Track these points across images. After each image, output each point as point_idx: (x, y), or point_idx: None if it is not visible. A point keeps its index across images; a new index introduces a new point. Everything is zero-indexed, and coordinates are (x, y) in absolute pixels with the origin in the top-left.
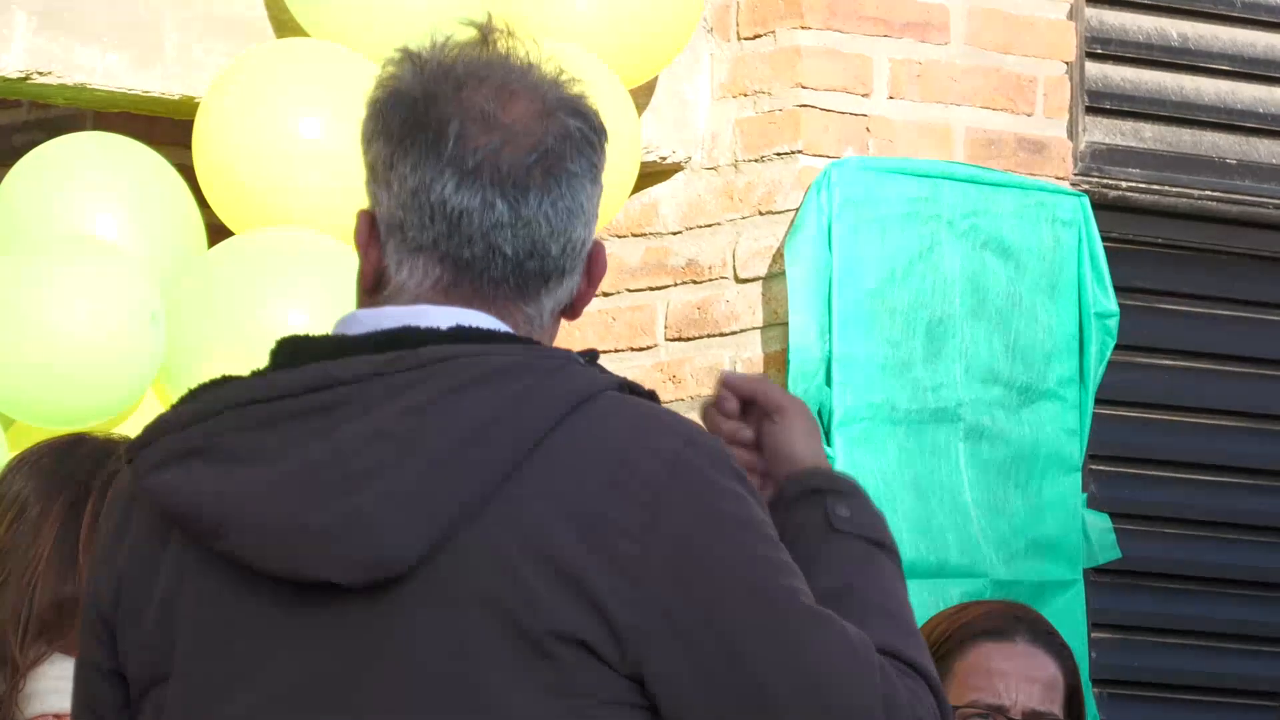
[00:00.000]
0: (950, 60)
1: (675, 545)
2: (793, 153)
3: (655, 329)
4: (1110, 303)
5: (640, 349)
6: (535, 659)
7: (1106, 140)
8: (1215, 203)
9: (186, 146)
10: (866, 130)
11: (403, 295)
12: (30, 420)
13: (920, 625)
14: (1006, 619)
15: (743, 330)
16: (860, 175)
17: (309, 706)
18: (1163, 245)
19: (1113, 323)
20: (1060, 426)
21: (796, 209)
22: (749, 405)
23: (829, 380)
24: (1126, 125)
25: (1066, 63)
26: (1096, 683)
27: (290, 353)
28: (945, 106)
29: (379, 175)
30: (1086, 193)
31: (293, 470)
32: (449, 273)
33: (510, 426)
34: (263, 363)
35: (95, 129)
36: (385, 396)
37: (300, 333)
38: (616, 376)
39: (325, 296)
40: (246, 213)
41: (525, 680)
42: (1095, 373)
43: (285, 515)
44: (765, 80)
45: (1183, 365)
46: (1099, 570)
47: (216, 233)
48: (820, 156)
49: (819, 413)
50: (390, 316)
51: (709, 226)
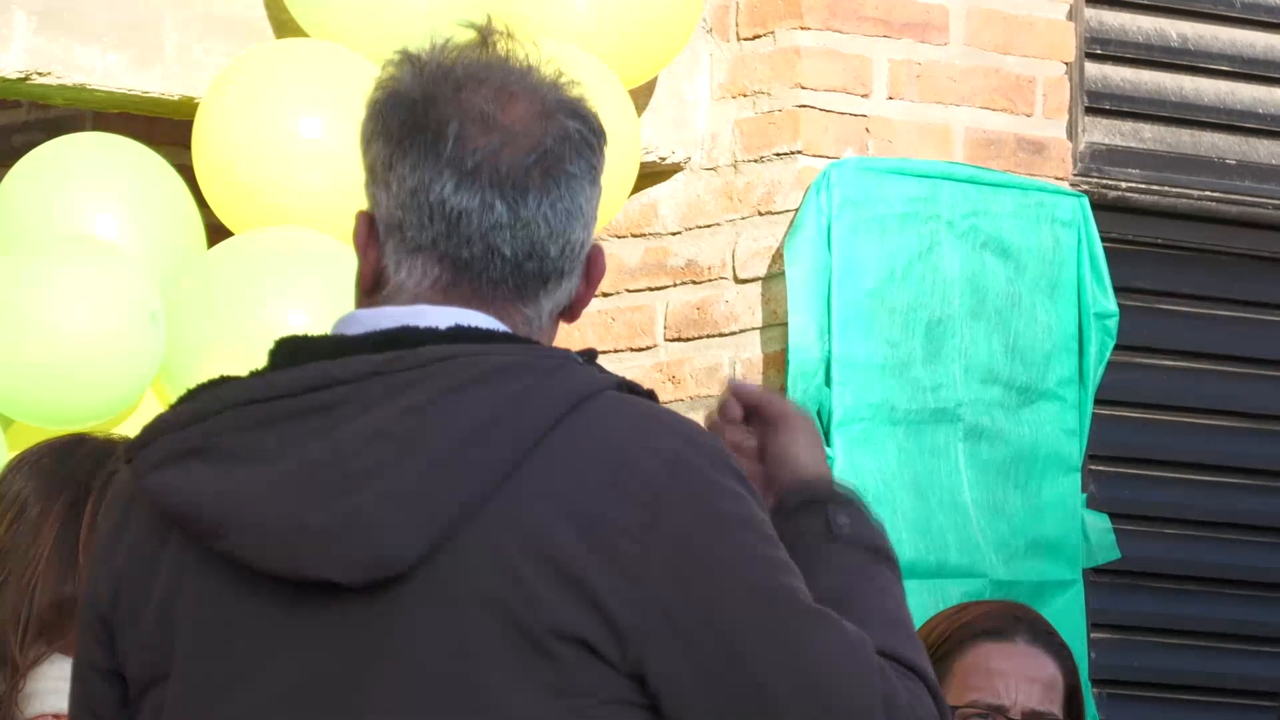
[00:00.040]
0: (950, 61)
1: (675, 544)
2: (792, 153)
3: (655, 329)
4: (1110, 303)
5: (640, 349)
6: (535, 658)
7: (1106, 140)
8: (1215, 203)
9: (186, 146)
10: (866, 130)
11: (401, 295)
12: (30, 420)
13: (920, 625)
14: (1006, 619)
15: (742, 330)
16: (860, 175)
17: (309, 706)
18: (1162, 246)
19: (1112, 323)
20: (1060, 427)
21: (796, 209)
22: (753, 414)
23: (828, 380)
24: (1126, 126)
25: (1066, 63)
26: (1096, 683)
27: (289, 353)
28: (945, 107)
29: (378, 176)
30: (1086, 193)
31: (292, 470)
32: (448, 273)
33: (510, 426)
34: (262, 363)
35: (95, 129)
36: (385, 396)
37: (299, 333)
38: (615, 376)
39: (325, 296)
40: (246, 213)
41: (525, 680)
42: (1095, 373)
43: (285, 515)
44: (765, 80)
45: (1182, 365)
46: (1098, 570)
47: (216, 233)
48: (820, 157)
49: (818, 413)
50: (389, 316)
51: (708, 227)
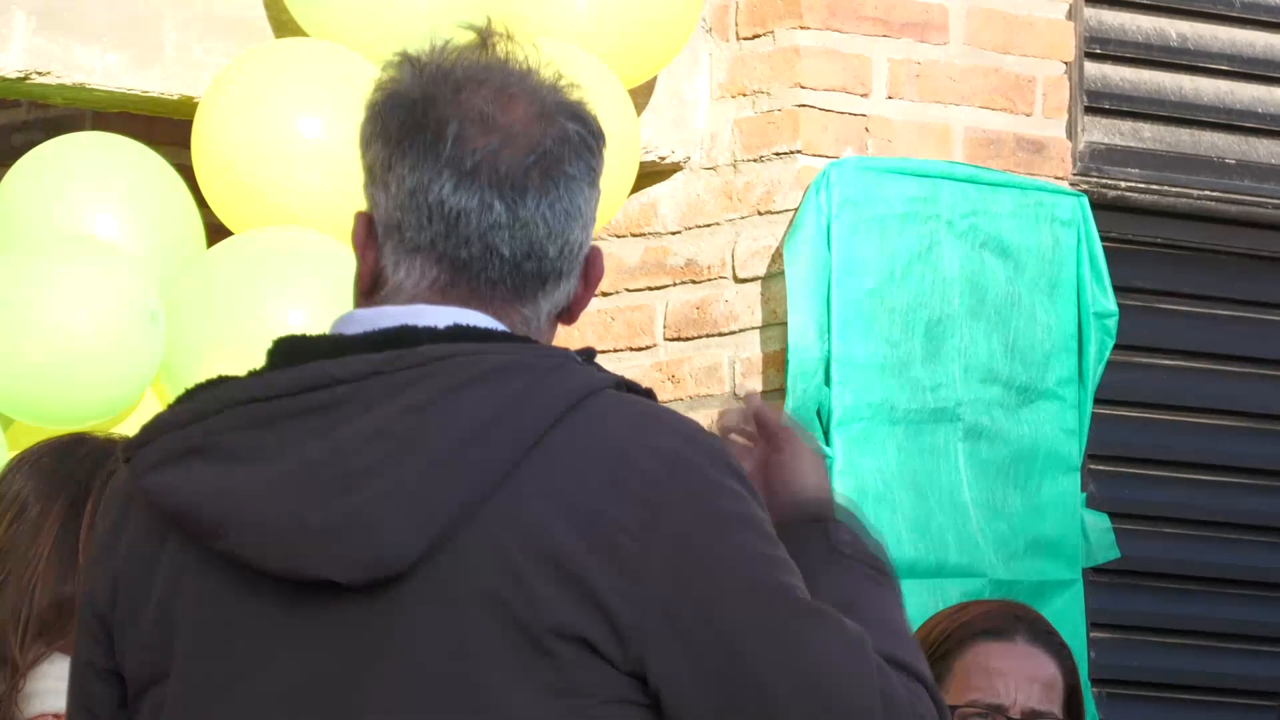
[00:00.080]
0: (949, 60)
1: (675, 543)
2: (792, 152)
3: (654, 329)
4: (1109, 302)
5: (639, 349)
6: (536, 658)
7: (1105, 140)
8: (1214, 202)
9: (186, 146)
10: (865, 130)
11: (400, 295)
12: (30, 420)
13: (920, 625)
14: (1006, 618)
15: (742, 330)
16: (859, 175)
17: (309, 706)
18: (1162, 245)
19: (1112, 322)
20: (1059, 426)
21: (795, 209)
22: (760, 430)
23: (828, 380)
24: (1125, 125)
25: (1065, 62)
26: (1095, 682)
27: (287, 353)
28: (944, 106)
29: (377, 177)
30: (1085, 192)
31: (292, 469)
32: (446, 273)
33: (510, 425)
34: (261, 363)
35: (94, 129)
36: (384, 395)
37: (297, 333)
38: (614, 375)
39: (325, 296)
40: (246, 213)
41: (525, 679)
42: (1094, 372)
43: (285, 514)
44: (764, 80)
45: (1182, 365)
46: (1098, 570)
47: (216, 233)
48: (819, 156)
49: (818, 413)
50: (388, 316)
51: (708, 226)
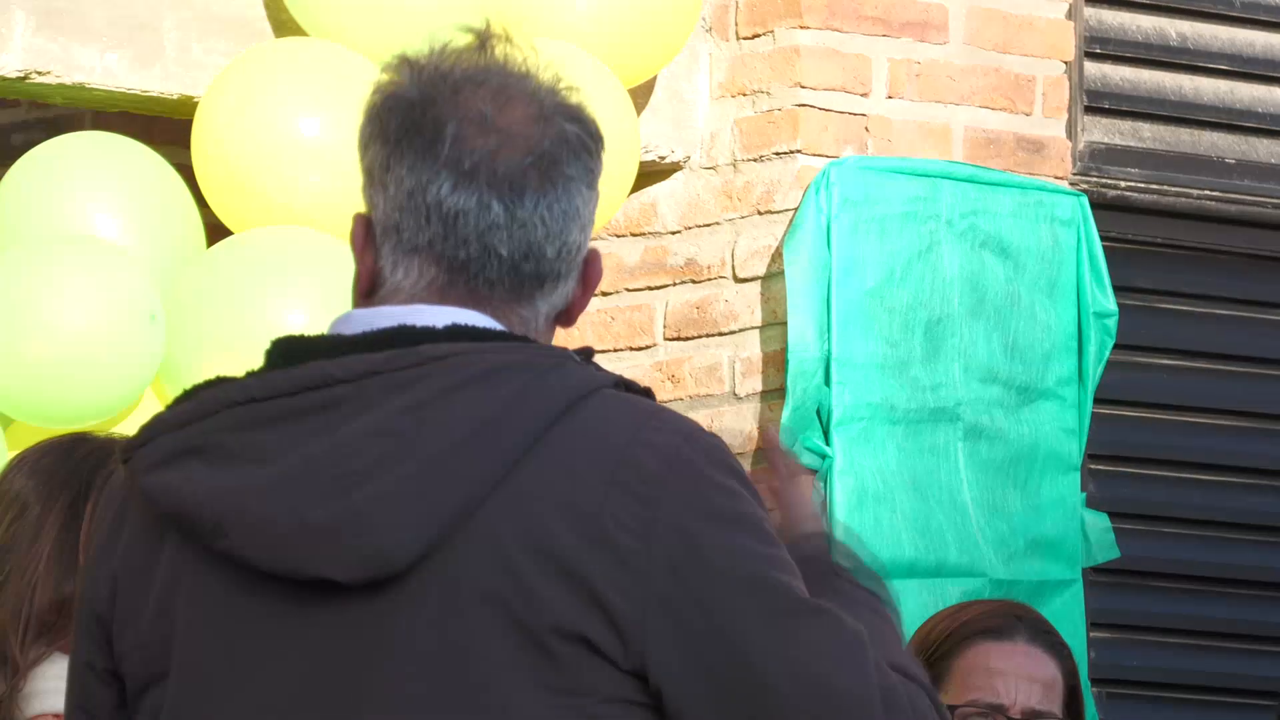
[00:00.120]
0: (949, 60)
1: (675, 541)
2: (791, 152)
3: (654, 328)
4: (1109, 302)
5: (639, 348)
6: (536, 656)
7: (1105, 140)
8: (1214, 202)
9: (186, 146)
10: (865, 130)
11: (398, 296)
12: (30, 420)
13: (920, 625)
14: (1006, 618)
15: (741, 330)
16: (859, 175)
17: (309, 705)
18: (1162, 245)
19: (1111, 322)
20: (1059, 426)
21: (795, 208)
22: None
23: (828, 380)
24: (1125, 125)
25: (1065, 62)
26: (1095, 682)
27: (285, 353)
28: (944, 106)
29: (375, 178)
30: (1085, 192)
31: (292, 469)
32: (444, 273)
33: (509, 424)
34: (260, 363)
35: (94, 128)
36: (383, 395)
37: (295, 333)
38: (612, 374)
39: (325, 296)
40: (245, 212)
41: (526, 678)
42: (1094, 372)
43: (285, 514)
44: (764, 80)
45: (1181, 365)
46: (1098, 569)
47: (216, 232)
48: (819, 156)
49: (818, 413)
50: (386, 316)
51: (708, 226)
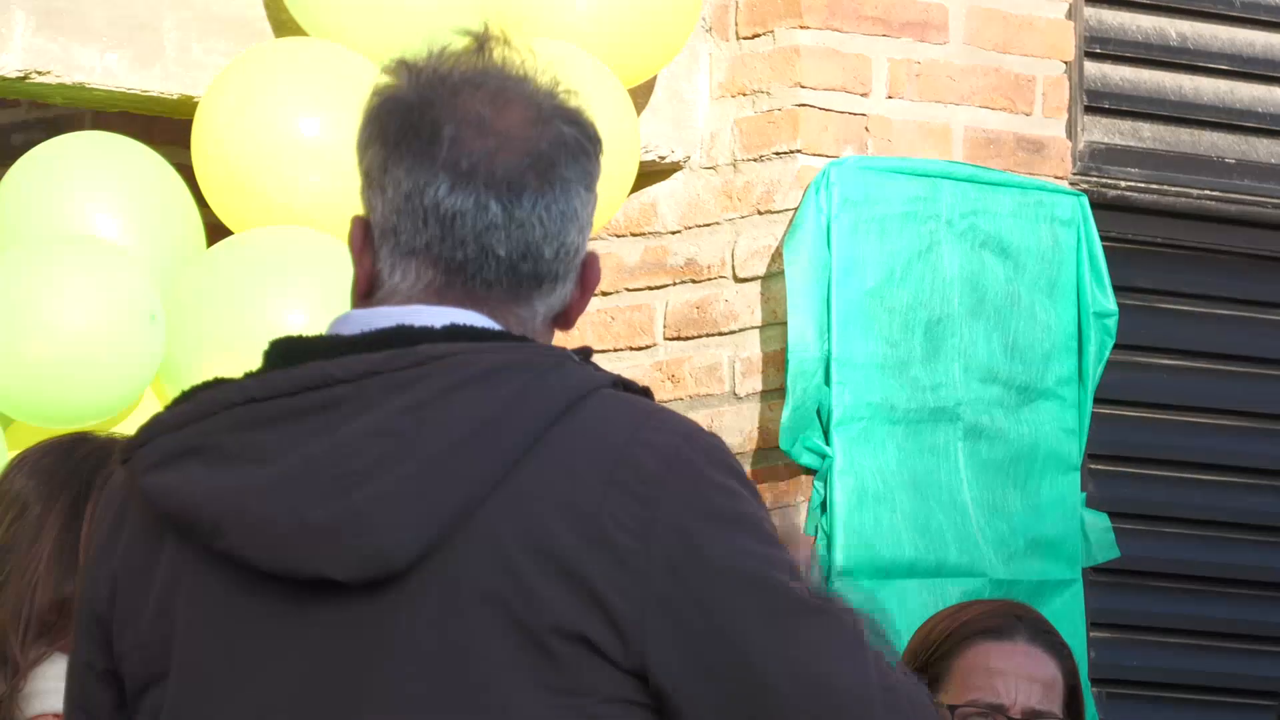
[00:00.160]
0: (949, 60)
1: (674, 540)
2: (791, 152)
3: (654, 328)
4: (1109, 302)
5: (639, 348)
6: (536, 656)
7: (1105, 140)
8: (1214, 202)
9: (186, 146)
10: (865, 130)
11: (396, 298)
12: (30, 420)
13: (920, 625)
14: (1006, 618)
15: (741, 330)
16: (859, 175)
17: (309, 705)
18: (1162, 245)
19: (1111, 322)
20: (1059, 426)
21: (795, 208)
22: None
23: (828, 380)
24: (1125, 125)
25: (1065, 62)
26: (1095, 682)
27: (284, 353)
28: (944, 106)
29: (374, 180)
30: (1085, 192)
31: (291, 469)
32: (442, 275)
33: (508, 424)
34: (259, 364)
35: (94, 128)
36: (382, 395)
37: (293, 334)
38: (611, 374)
39: (325, 296)
40: (246, 212)
41: (526, 678)
42: (1094, 372)
43: (285, 513)
44: (764, 80)
45: (1181, 365)
46: (1098, 569)
47: (216, 232)
48: (819, 156)
49: (818, 412)
50: (384, 316)
51: (708, 226)
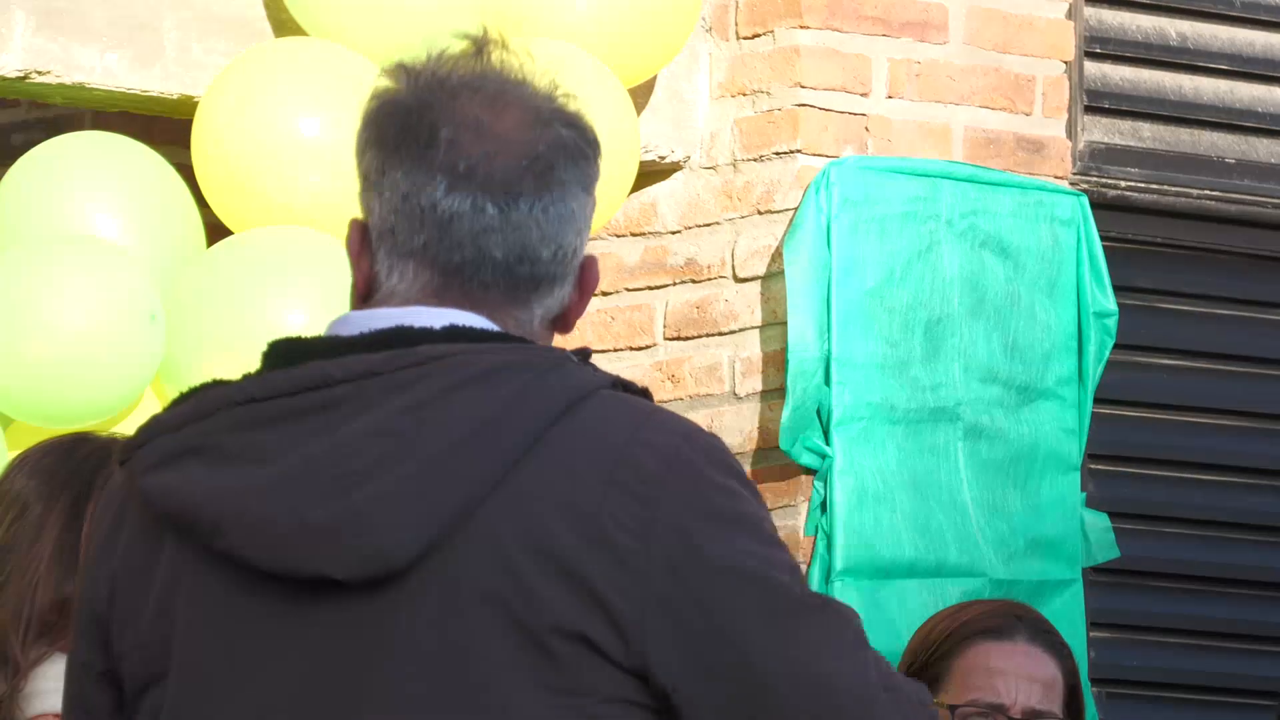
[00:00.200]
0: (949, 60)
1: (674, 540)
2: (791, 152)
3: (654, 328)
4: (1109, 302)
5: (639, 348)
6: (536, 656)
7: (1105, 139)
8: (1214, 202)
9: (186, 146)
10: (865, 130)
11: (393, 300)
12: (30, 420)
13: (919, 625)
14: (1006, 618)
15: (741, 330)
16: (859, 175)
17: (309, 705)
18: (1162, 245)
19: (1111, 322)
20: (1059, 426)
21: (795, 208)
22: None
23: (828, 380)
24: (1125, 124)
25: (1065, 62)
26: (1095, 682)
27: (283, 354)
28: (944, 106)
29: (371, 183)
30: (1085, 192)
31: (291, 469)
32: (439, 277)
33: (508, 425)
34: (258, 365)
35: (94, 128)
36: (382, 395)
37: (292, 334)
38: (610, 374)
39: (325, 296)
40: (245, 212)
41: (526, 678)
42: (1094, 372)
43: (284, 513)
44: (764, 80)
45: (1181, 365)
46: (1098, 569)
47: (216, 232)
48: (819, 156)
49: (818, 412)
50: (383, 317)
51: (708, 226)
